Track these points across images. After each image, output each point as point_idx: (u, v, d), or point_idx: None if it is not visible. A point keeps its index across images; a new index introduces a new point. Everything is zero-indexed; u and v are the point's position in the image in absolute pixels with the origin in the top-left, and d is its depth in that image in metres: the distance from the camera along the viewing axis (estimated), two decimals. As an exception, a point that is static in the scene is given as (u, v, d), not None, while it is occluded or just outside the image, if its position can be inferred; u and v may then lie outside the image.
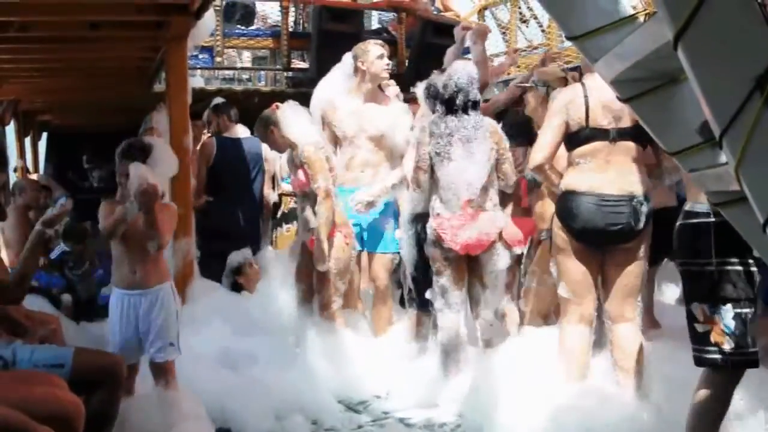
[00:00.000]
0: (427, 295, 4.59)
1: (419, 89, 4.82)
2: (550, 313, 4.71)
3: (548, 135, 4.08)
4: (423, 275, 4.70)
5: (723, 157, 1.72)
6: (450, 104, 4.45)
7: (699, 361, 3.16)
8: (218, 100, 7.02)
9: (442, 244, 4.40)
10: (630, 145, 3.95)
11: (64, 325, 4.60)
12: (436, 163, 4.42)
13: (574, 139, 4.03)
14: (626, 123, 3.94)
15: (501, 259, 4.49)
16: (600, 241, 3.97)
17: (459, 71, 4.50)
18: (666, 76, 2.03)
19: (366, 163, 5.34)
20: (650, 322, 4.43)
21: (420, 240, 4.65)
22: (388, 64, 5.45)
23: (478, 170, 4.38)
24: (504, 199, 4.64)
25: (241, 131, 6.72)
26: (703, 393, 3.12)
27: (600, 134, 3.95)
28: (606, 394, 3.83)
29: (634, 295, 4.01)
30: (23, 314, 3.91)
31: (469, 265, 4.50)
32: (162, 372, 3.95)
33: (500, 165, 4.52)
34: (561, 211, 4.04)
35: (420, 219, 4.64)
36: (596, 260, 4.04)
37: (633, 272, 3.99)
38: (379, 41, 5.64)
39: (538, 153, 4.10)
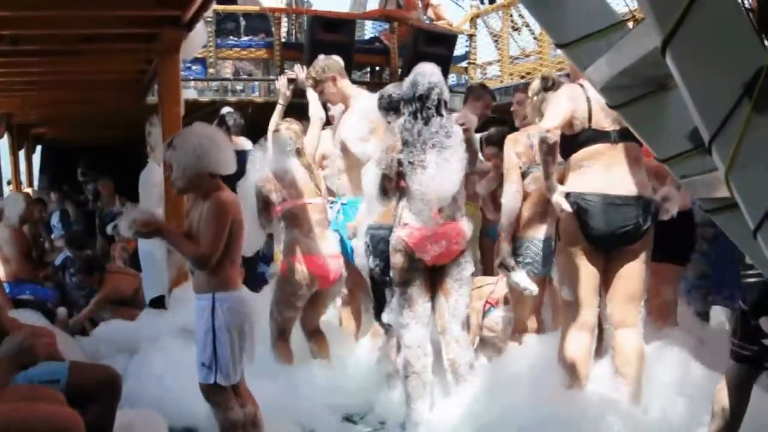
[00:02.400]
0: (384, 318, 4.39)
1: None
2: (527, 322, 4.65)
3: (559, 108, 3.91)
4: (378, 285, 4.53)
5: (713, 164, 1.72)
6: (423, 102, 4.12)
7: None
8: (227, 109, 6.97)
9: (412, 254, 4.14)
10: (631, 146, 3.90)
11: (59, 339, 4.57)
12: (408, 172, 4.11)
13: (574, 141, 3.96)
14: None
15: (467, 268, 4.27)
16: (608, 242, 3.91)
17: (427, 70, 4.18)
18: (655, 82, 2.04)
19: (341, 169, 5.37)
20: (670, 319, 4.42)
21: (368, 251, 4.51)
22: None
23: (452, 179, 4.15)
24: None
25: (246, 144, 6.67)
26: (721, 384, 3.08)
27: (602, 136, 3.90)
28: (605, 401, 3.79)
29: (637, 300, 3.95)
30: (17, 328, 3.88)
31: (433, 276, 4.24)
32: (203, 394, 3.57)
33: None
34: (570, 214, 3.93)
35: (369, 230, 4.52)
36: (600, 264, 3.97)
37: (635, 275, 3.93)
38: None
39: (549, 119, 3.89)
